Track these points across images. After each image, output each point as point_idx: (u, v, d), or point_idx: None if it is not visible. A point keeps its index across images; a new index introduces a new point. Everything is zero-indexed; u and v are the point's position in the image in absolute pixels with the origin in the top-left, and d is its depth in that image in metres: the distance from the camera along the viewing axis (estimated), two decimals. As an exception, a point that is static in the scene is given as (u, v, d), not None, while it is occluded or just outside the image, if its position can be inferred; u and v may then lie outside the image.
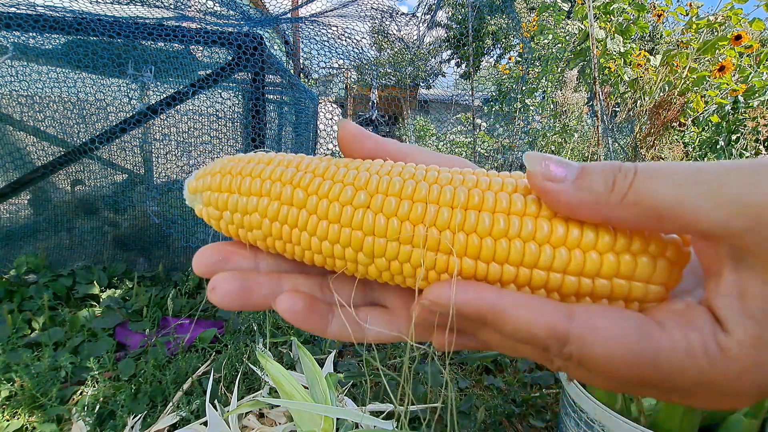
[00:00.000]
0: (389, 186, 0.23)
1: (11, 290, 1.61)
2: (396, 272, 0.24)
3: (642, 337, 0.18)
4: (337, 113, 2.96)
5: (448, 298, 0.20)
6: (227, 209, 0.26)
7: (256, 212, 0.25)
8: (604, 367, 0.18)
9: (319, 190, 0.24)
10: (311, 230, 0.24)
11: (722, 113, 2.54)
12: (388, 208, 0.23)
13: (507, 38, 8.64)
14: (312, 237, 0.24)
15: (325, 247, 0.24)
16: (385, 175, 0.24)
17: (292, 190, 0.25)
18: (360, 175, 0.24)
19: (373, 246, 0.23)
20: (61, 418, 1.09)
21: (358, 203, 0.23)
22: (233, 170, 0.27)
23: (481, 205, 0.22)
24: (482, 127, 3.86)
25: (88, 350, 1.34)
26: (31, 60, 1.72)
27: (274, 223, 0.25)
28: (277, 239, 0.25)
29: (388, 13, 2.80)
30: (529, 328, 0.19)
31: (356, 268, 0.25)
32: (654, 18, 2.93)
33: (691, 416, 0.72)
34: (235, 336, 1.47)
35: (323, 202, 0.24)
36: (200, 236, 1.87)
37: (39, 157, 1.89)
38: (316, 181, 0.25)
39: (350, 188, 0.24)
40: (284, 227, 0.25)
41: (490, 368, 1.42)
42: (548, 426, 1.16)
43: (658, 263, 0.20)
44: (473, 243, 0.22)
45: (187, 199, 0.29)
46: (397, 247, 0.23)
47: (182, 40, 1.72)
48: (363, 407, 1.09)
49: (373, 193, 0.23)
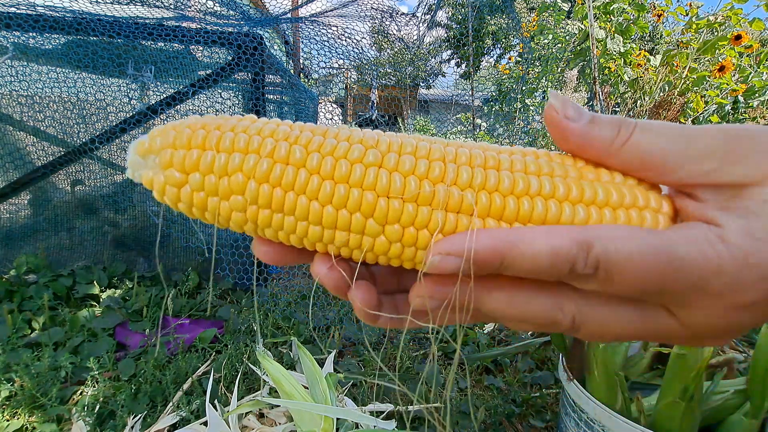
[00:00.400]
0: (402, 146, 0.21)
1: (11, 290, 1.61)
2: (409, 243, 0.21)
3: (656, 235, 0.20)
4: (337, 113, 2.96)
5: (462, 246, 0.19)
6: (197, 170, 0.20)
7: (239, 172, 0.20)
8: (629, 267, 0.19)
9: (322, 148, 0.20)
10: (310, 193, 0.20)
11: (722, 113, 2.54)
12: (403, 166, 0.20)
13: (507, 38, 8.65)
14: (312, 202, 0.20)
15: (326, 215, 0.20)
16: (397, 138, 0.22)
17: (289, 146, 0.20)
18: (368, 135, 0.22)
19: (387, 210, 0.20)
20: (61, 418, 1.09)
21: (368, 162, 0.20)
22: (208, 125, 0.21)
23: (499, 165, 0.21)
24: (482, 127, 3.86)
25: (88, 350, 1.34)
26: (31, 60, 1.72)
27: (263, 185, 0.20)
28: (263, 208, 0.20)
29: (388, 13, 2.81)
30: (551, 246, 0.19)
31: (360, 242, 0.21)
32: (654, 18, 2.93)
33: (691, 416, 0.72)
34: (235, 336, 1.47)
35: (327, 160, 0.20)
36: (200, 236, 1.87)
37: (39, 157, 1.89)
38: (317, 138, 0.21)
39: (359, 146, 0.21)
40: (275, 191, 0.20)
41: (490, 368, 1.42)
42: (548, 426, 1.16)
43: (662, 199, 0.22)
44: (496, 203, 0.20)
45: (129, 167, 0.22)
46: (414, 210, 0.20)
47: (182, 40, 1.72)
48: (363, 407, 1.09)
49: (385, 152, 0.21)
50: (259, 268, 1.83)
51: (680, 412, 0.71)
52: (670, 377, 0.74)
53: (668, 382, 0.74)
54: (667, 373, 0.74)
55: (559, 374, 0.88)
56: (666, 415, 0.73)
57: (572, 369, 0.84)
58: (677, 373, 0.72)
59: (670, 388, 0.73)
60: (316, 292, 1.82)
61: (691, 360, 0.71)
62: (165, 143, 0.21)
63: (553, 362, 1.42)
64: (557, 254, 0.19)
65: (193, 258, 1.91)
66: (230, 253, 1.77)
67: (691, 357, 0.71)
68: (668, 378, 0.74)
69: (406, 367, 1.38)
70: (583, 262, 0.19)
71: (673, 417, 0.72)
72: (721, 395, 0.79)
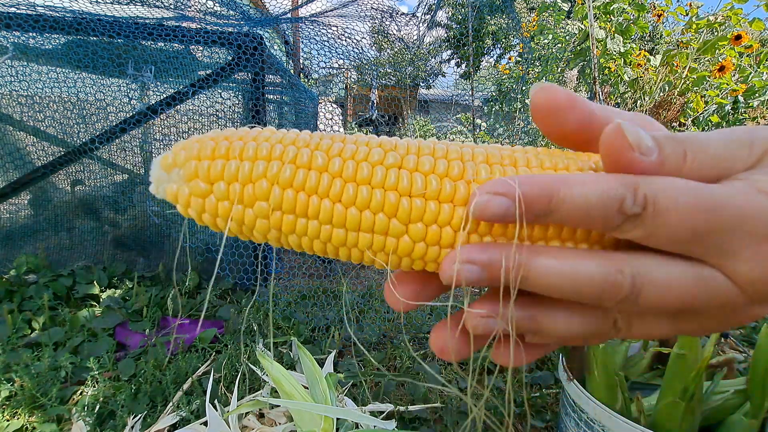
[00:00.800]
0: (420, 148, 0.22)
1: (11, 290, 1.61)
2: (432, 242, 0.21)
3: (698, 183, 0.19)
4: (337, 113, 2.96)
5: (510, 185, 0.19)
6: (221, 179, 0.21)
7: (263, 179, 0.21)
8: (677, 204, 0.18)
9: (343, 153, 0.21)
10: (334, 196, 0.20)
11: (722, 113, 2.54)
12: (423, 166, 0.21)
13: (507, 38, 8.64)
14: (335, 204, 0.20)
15: (350, 217, 0.21)
16: (414, 142, 0.22)
17: (311, 152, 0.21)
18: (386, 140, 0.22)
19: (410, 209, 0.20)
20: (61, 418, 1.09)
21: (389, 164, 0.21)
22: (231, 137, 0.22)
23: (516, 162, 0.22)
24: (482, 127, 3.86)
25: (88, 350, 1.34)
26: (31, 60, 1.72)
27: (287, 191, 0.20)
28: (287, 214, 0.21)
29: (388, 13, 2.80)
30: (600, 184, 0.19)
31: (384, 245, 0.21)
32: (654, 18, 2.93)
33: (691, 416, 0.72)
34: (235, 336, 1.47)
35: (349, 163, 0.21)
36: (200, 236, 1.87)
37: (39, 157, 1.89)
38: (337, 144, 0.22)
39: (378, 149, 0.21)
40: (299, 195, 0.21)
41: (490, 368, 1.42)
42: (548, 426, 1.16)
43: None
44: None
45: (153, 182, 0.23)
46: (437, 208, 0.20)
47: (182, 40, 1.72)
48: (363, 407, 1.09)
49: (405, 154, 0.21)
50: (259, 268, 1.83)
51: (680, 412, 0.71)
52: (670, 377, 0.74)
53: (668, 382, 0.74)
54: (667, 373, 0.74)
55: (559, 374, 0.88)
56: (666, 415, 0.73)
57: (572, 369, 0.84)
58: (677, 373, 0.72)
59: (670, 388, 0.73)
60: (316, 292, 1.82)
61: (691, 360, 0.71)
62: (189, 155, 0.22)
63: (553, 362, 1.42)
64: (606, 191, 0.19)
65: (193, 258, 1.91)
66: (230, 253, 1.77)
67: (691, 357, 0.71)
68: (668, 378, 0.74)
69: (406, 367, 1.38)
70: (631, 198, 0.18)
71: (673, 417, 0.72)
72: (721, 395, 0.79)
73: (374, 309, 1.75)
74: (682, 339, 0.72)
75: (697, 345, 0.72)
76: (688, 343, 0.72)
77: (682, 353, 0.72)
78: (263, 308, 1.66)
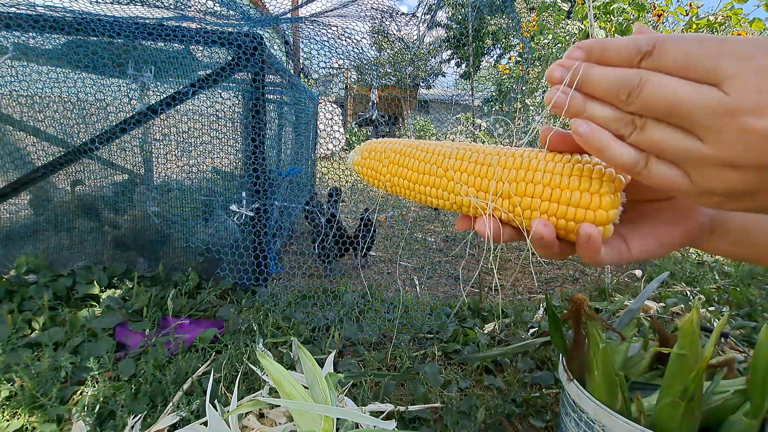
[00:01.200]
0: (467, 150, 0.39)
1: (11, 290, 1.61)
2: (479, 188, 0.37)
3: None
4: (337, 113, 2.96)
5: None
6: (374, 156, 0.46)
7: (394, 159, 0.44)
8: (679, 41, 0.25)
9: (435, 152, 0.41)
10: (426, 171, 0.41)
11: (722, 113, 2.53)
12: (467, 158, 0.39)
13: (507, 38, 8.64)
14: (424, 176, 0.41)
15: (442, 183, 0.39)
16: (464, 146, 0.40)
17: (415, 150, 0.43)
18: (447, 145, 0.41)
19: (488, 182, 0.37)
20: (61, 418, 1.09)
21: (454, 156, 0.39)
22: (384, 141, 0.46)
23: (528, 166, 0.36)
24: (482, 127, 3.86)
25: (88, 350, 1.34)
26: (31, 60, 1.72)
27: (403, 169, 0.42)
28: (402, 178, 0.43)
29: (388, 13, 2.80)
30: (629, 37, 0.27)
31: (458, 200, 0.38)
32: (654, 18, 2.92)
33: (691, 416, 0.72)
34: (235, 336, 1.47)
35: (433, 158, 0.41)
36: (200, 236, 1.87)
37: (39, 157, 1.89)
38: (435, 148, 0.42)
39: (450, 149, 0.40)
40: (409, 172, 0.42)
41: (490, 368, 1.42)
42: (548, 426, 1.16)
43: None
44: (521, 186, 0.36)
45: (350, 159, 0.49)
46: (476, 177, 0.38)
47: (182, 40, 1.72)
48: (363, 407, 1.09)
49: (461, 156, 0.39)
50: (259, 268, 1.83)
51: (680, 412, 0.71)
52: (670, 377, 0.74)
53: (668, 382, 0.74)
54: (667, 373, 0.74)
55: (559, 374, 0.88)
56: (666, 415, 0.73)
57: (572, 369, 0.84)
58: (677, 373, 0.72)
59: (670, 388, 0.73)
60: (316, 292, 1.82)
61: (691, 360, 0.71)
62: (366, 148, 0.47)
63: (553, 362, 1.42)
64: (632, 38, 0.28)
65: (193, 258, 1.91)
66: (230, 253, 1.77)
67: (691, 357, 0.71)
68: (668, 378, 0.74)
69: (406, 367, 1.38)
70: (644, 41, 0.27)
71: (673, 417, 0.72)
72: (721, 395, 0.79)
73: (374, 309, 1.75)
74: (682, 339, 0.72)
75: (697, 345, 0.72)
76: (688, 343, 0.72)
77: (682, 353, 0.72)
78: (263, 308, 1.66)
